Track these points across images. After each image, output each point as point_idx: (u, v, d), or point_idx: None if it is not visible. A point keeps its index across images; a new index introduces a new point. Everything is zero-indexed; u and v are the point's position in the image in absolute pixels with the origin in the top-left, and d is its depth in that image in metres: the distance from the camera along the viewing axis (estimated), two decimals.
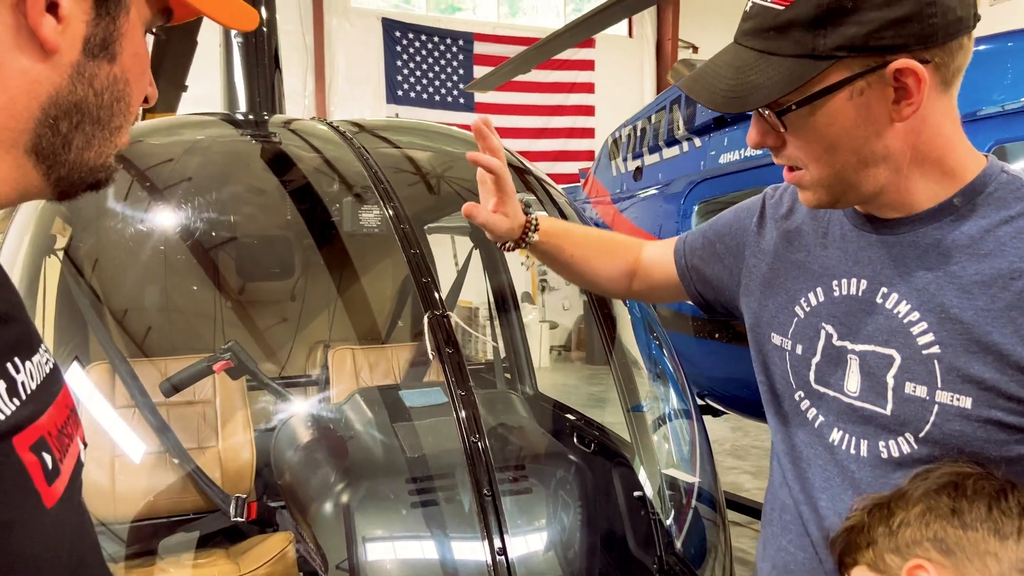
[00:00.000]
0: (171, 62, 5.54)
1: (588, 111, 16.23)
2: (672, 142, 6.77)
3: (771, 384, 1.49)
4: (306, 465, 2.21)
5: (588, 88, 16.24)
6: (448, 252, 5.06)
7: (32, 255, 2.92)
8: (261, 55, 3.47)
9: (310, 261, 3.73)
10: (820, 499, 1.37)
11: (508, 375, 3.74)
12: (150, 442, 2.90)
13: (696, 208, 6.03)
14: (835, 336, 1.34)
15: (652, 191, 7.02)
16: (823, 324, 1.36)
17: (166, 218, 3.13)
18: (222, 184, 3.30)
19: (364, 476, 2.07)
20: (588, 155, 14.63)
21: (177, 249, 3.36)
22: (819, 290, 1.38)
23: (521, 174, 3.11)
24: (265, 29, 3.64)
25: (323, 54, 14.56)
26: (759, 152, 5.83)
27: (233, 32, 3.56)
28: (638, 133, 7.47)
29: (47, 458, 0.75)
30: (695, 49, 16.47)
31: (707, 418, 4.14)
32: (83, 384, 2.92)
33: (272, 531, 2.80)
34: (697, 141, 6.42)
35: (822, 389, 1.36)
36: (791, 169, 1.28)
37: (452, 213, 3.83)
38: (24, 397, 0.74)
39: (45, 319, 2.99)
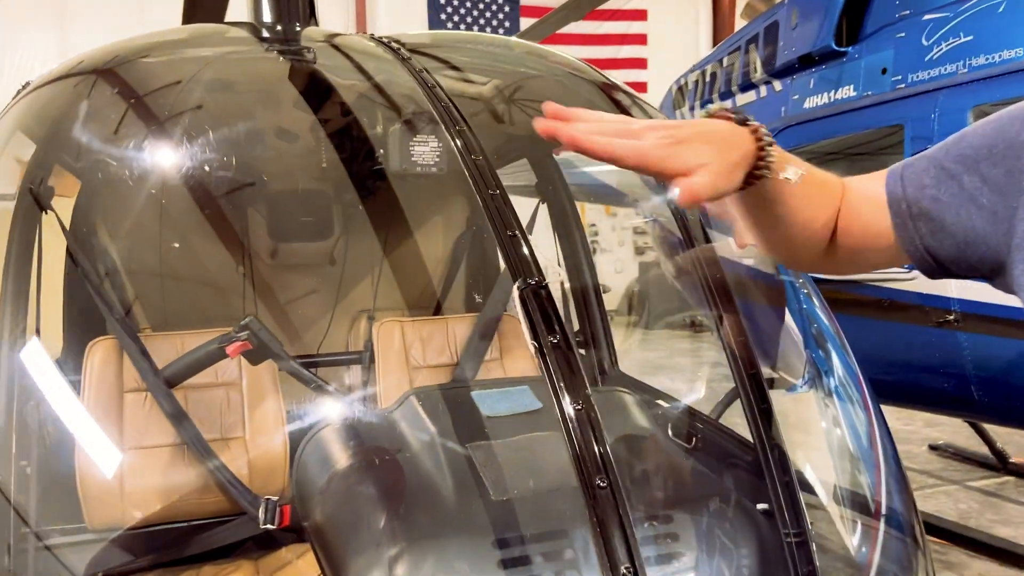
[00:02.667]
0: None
1: (640, 64, 15.49)
2: (748, 87, 6.14)
3: None
4: (342, 507, 1.63)
5: (640, 40, 15.49)
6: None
7: (22, 212, 2.46)
8: None
9: (352, 216, 3.19)
10: None
11: (583, 350, 3.21)
12: (164, 432, 2.44)
13: None
14: None
15: None
16: None
17: (175, 160, 2.58)
18: (243, 117, 2.76)
19: (427, 534, 1.50)
20: None
21: (191, 201, 2.86)
22: None
23: (608, 91, 2.46)
24: None
25: (364, 8, 14.00)
26: (852, 94, 5.19)
27: None
28: (707, 79, 6.84)
29: None
30: None
31: None
32: (86, 365, 2.46)
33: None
34: (777, 84, 5.79)
35: None
36: None
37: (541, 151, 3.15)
38: None
39: (40, 289, 2.53)
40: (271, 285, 3.25)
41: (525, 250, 1.19)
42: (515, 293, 1.11)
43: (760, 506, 2.05)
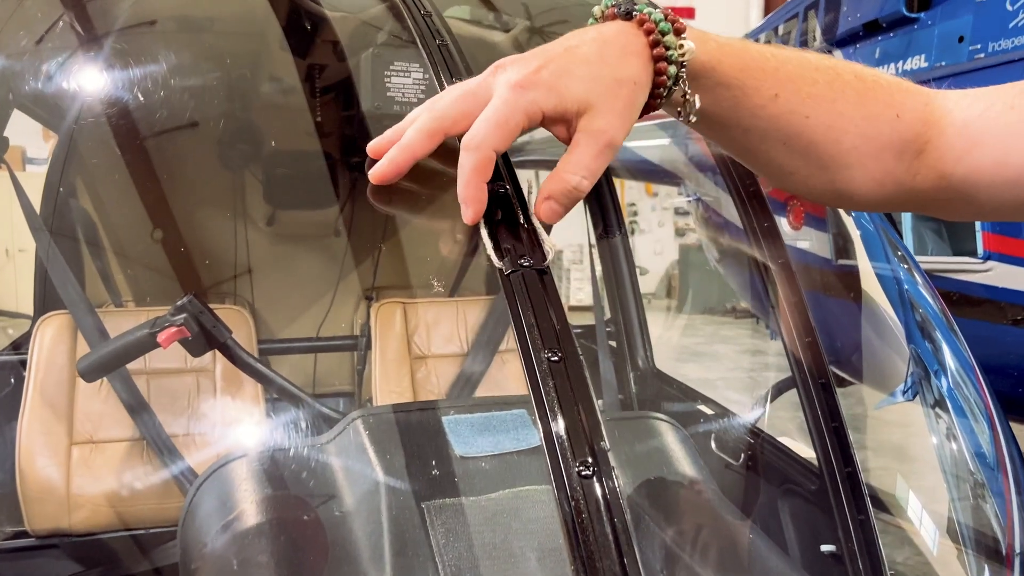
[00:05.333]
0: None
1: None
2: None
3: None
4: None
5: (688, 13, 14.92)
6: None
7: None
8: None
9: (358, 179, 2.81)
10: None
11: (613, 342, 2.82)
12: (121, 425, 2.10)
13: None
14: None
15: None
16: None
17: (161, 107, 2.19)
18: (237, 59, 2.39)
19: None
20: None
21: (177, 155, 2.52)
22: None
23: None
24: None
25: None
26: (924, 64, 4.73)
27: None
28: None
29: None
30: None
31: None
32: (33, 343, 2.13)
33: None
34: (838, 54, 5.31)
35: None
36: None
37: None
38: None
39: None
40: (267, 257, 2.91)
41: (521, 219, 0.74)
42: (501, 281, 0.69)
43: (825, 548, 1.67)
